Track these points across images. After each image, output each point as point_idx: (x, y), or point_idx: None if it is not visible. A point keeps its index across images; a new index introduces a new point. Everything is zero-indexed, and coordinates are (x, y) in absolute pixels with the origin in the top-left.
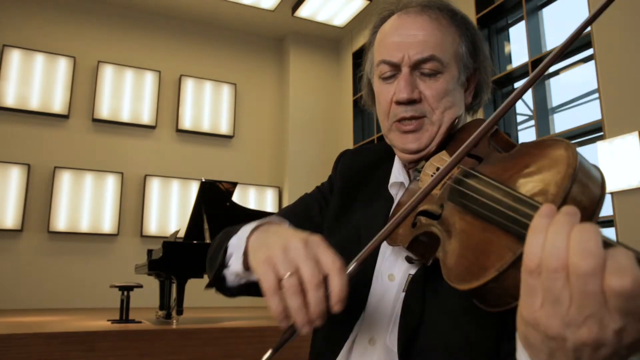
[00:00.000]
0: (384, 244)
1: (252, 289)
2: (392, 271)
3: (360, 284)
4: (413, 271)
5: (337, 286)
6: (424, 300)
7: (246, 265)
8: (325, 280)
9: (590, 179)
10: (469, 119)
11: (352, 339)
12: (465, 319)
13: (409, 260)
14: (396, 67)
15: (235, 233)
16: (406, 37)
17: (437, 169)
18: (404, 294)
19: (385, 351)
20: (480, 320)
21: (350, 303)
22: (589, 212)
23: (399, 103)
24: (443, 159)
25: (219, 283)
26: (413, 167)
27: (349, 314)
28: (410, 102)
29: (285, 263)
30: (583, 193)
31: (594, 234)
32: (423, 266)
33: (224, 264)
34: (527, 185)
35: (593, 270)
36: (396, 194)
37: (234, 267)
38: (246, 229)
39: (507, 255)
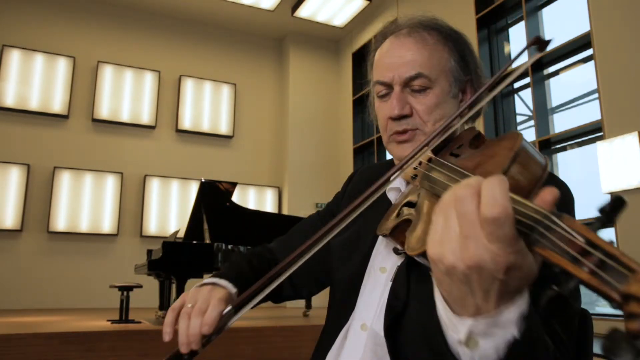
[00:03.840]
0: (380, 238)
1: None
2: (384, 264)
3: (354, 279)
4: (401, 262)
5: (208, 315)
6: (408, 286)
7: None
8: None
9: (532, 161)
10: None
11: (347, 328)
12: None
13: (395, 251)
14: (389, 86)
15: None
16: (395, 58)
17: None
18: (391, 282)
19: (374, 335)
20: None
21: (346, 297)
22: (526, 191)
23: (392, 119)
24: None
25: None
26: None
27: (345, 306)
28: (402, 117)
29: (191, 299)
30: (521, 173)
31: (477, 179)
32: (408, 256)
33: None
34: (480, 168)
35: (468, 195)
36: (394, 198)
37: None
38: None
39: None
